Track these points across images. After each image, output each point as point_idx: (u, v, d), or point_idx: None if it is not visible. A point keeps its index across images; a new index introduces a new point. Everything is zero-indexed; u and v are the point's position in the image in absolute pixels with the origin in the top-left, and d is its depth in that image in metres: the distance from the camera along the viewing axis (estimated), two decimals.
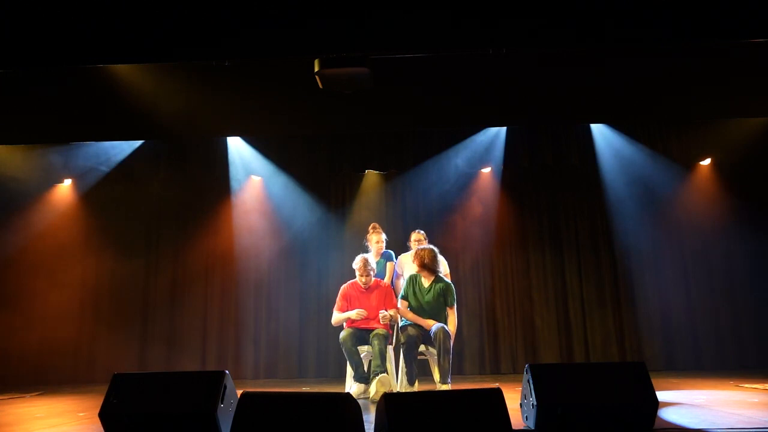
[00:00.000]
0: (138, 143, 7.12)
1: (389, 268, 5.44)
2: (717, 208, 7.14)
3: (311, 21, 4.27)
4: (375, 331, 4.65)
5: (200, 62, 4.86)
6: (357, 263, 4.86)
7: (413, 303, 4.72)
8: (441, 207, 7.42)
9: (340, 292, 4.97)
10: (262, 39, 4.32)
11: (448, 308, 4.75)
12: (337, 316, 4.87)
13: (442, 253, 5.14)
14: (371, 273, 4.85)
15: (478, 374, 6.89)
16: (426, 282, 4.76)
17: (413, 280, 4.78)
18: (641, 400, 2.60)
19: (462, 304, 7.21)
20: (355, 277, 4.93)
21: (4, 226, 7.23)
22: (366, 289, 4.88)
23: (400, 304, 4.79)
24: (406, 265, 5.25)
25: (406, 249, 7.35)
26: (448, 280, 4.90)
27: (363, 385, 4.67)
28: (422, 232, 5.45)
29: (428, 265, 4.71)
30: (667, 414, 3.20)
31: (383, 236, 5.47)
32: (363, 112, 5.79)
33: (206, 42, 4.37)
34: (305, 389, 5.26)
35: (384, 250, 5.48)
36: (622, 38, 4.25)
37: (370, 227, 5.50)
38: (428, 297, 4.72)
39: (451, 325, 4.68)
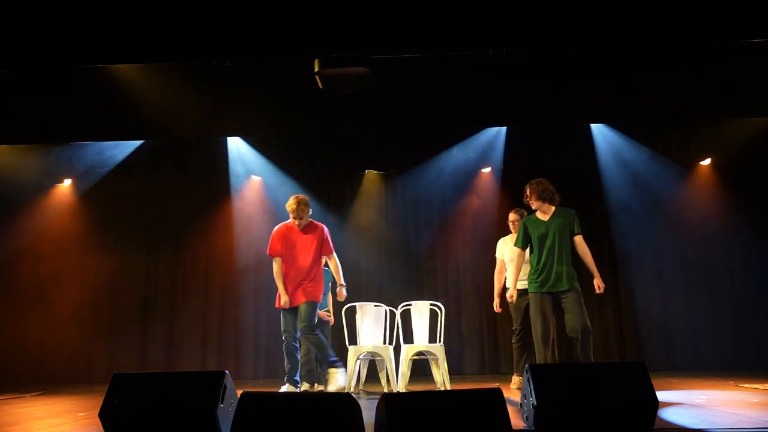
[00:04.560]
0: (138, 143, 7.12)
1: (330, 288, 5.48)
2: (717, 208, 7.14)
3: (311, 21, 4.27)
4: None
5: (200, 62, 4.87)
6: (290, 203, 4.72)
7: None
8: (441, 206, 7.42)
9: (273, 233, 4.81)
10: (262, 39, 4.32)
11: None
12: (277, 276, 4.69)
13: (442, 252, 5.10)
14: (305, 214, 4.72)
15: (478, 374, 6.89)
16: None
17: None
18: (641, 400, 2.60)
19: (462, 303, 7.22)
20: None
21: (4, 227, 7.23)
22: (302, 230, 4.77)
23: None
24: (506, 246, 5.05)
25: (403, 250, 7.38)
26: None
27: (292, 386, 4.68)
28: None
29: None
30: (667, 414, 3.20)
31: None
32: (363, 112, 5.79)
33: (206, 42, 4.37)
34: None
35: (324, 267, 5.34)
36: (621, 38, 4.25)
37: None
38: None
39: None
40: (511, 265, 4.67)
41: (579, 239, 4.35)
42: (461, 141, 7.23)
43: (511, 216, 5.04)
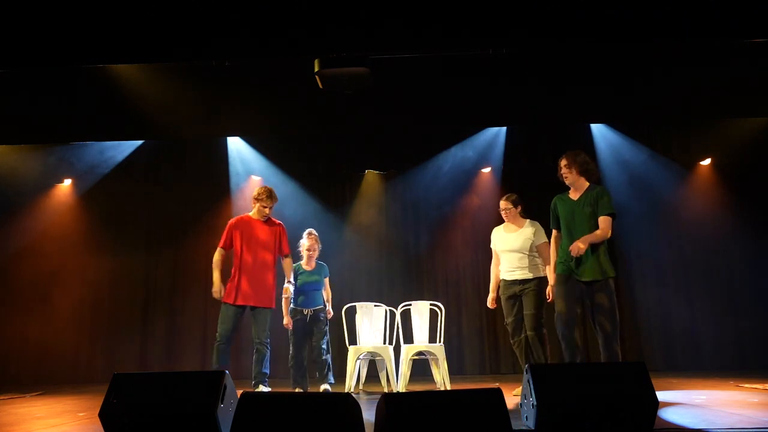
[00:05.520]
0: (138, 143, 7.13)
1: (327, 283, 5.20)
2: (717, 208, 7.14)
3: (311, 21, 4.28)
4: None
5: (200, 62, 4.87)
6: (261, 192, 4.60)
7: None
8: (441, 206, 7.42)
9: (231, 222, 4.67)
10: (262, 39, 4.33)
11: None
12: (216, 265, 4.61)
13: (442, 252, 4.96)
14: (274, 204, 4.64)
15: (478, 374, 6.89)
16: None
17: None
18: (641, 400, 2.60)
19: (462, 303, 7.22)
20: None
21: (5, 227, 7.23)
22: (263, 222, 4.66)
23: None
24: (498, 235, 4.70)
25: (403, 250, 7.39)
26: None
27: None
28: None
29: None
30: (667, 414, 3.20)
31: (317, 243, 5.17)
32: (363, 112, 5.79)
33: (206, 42, 4.37)
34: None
35: (318, 261, 5.18)
36: (621, 38, 4.26)
37: (305, 233, 5.18)
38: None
39: None
40: (504, 255, 4.53)
41: (600, 219, 3.80)
42: (461, 141, 7.23)
43: (502, 204, 4.66)
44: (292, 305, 5.11)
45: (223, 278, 4.70)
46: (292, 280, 4.74)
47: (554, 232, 4.08)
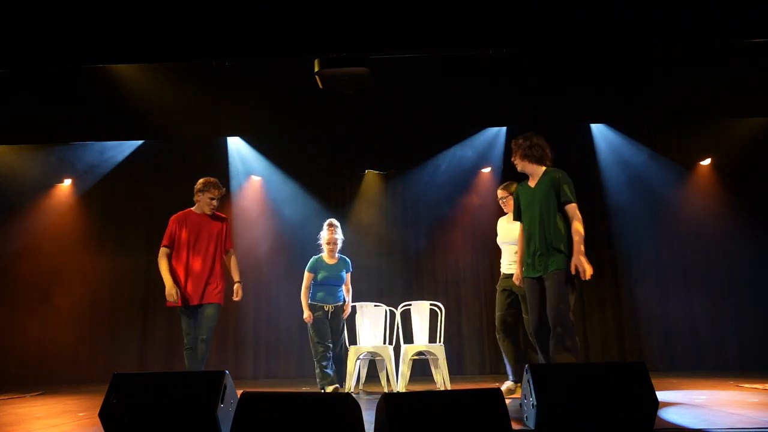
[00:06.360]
0: (138, 143, 7.12)
1: (348, 278, 5.06)
2: (717, 208, 7.13)
3: (311, 21, 4.28)
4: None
5: (200, 62, 4.87)
6: (207, 184, 4.36)
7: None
8: (441, 206, 7.42)
9: (175, 218, 4.37)
10: (262, 39, 4.33)
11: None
12: (165, 266, 4.27)
13: (442, 252, 4.95)
14: (220, 196, 4.40)
15: (478, 374, 6.89)
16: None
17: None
18: (641, 400, 2.60)
19: (462, 303, 7.22)
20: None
21: (5, 226, 7.23)
22: (209, 217, 4.38)
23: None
24: (500, 226, 4.68)
25: (403, 250, 7.38)
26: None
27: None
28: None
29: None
30: (667, 414, 3.20)
31: (338, 236, 4.96)
32: (363, 112, 5.80)
33: (206, 42, 4.38)
34: (305, 389, 5.27)
35: (340, 255, 5.02)
36: (621, 38, 4.26)
37: (326, 224, 5.03)
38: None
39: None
40: (503, 247, 4.50)
41: (570, 209, 3.49)
42: (461, 141, 7.24)
43: (500, 192, 4.57)
44: (310, 300, 4.96)
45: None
46: (239, 279, 4.44)
47: (519, 225, 3.80)
